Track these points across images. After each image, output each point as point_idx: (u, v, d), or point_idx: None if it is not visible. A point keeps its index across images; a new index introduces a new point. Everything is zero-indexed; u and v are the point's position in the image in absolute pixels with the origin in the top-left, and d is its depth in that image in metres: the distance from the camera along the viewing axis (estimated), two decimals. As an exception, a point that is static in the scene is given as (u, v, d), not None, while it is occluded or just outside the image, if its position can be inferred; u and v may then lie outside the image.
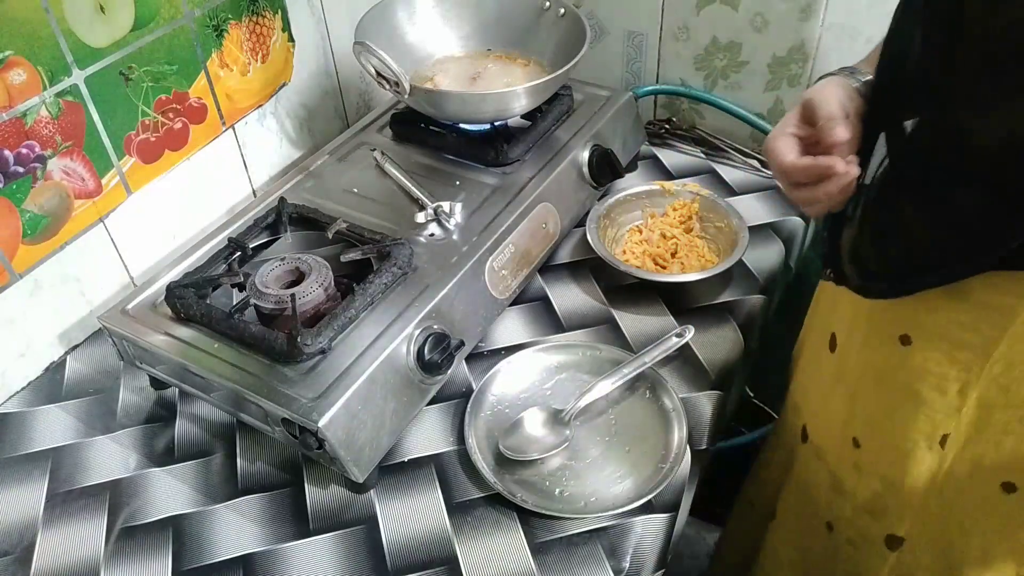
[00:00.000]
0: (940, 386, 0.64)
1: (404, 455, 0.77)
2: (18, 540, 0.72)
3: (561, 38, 1.01)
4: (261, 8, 0.98)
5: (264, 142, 1.05)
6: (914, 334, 0.64)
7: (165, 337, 0.76)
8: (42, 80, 0.77)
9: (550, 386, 0.82)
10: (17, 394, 0.85)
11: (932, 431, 0.67)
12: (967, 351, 0.61)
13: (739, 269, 0.95)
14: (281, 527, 0.72)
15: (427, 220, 0.86)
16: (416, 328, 0.74)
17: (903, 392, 0.67)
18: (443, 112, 0.95)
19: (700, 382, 0.82)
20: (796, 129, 0.63)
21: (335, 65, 1.13)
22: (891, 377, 0.68)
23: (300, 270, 0.78)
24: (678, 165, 1.12)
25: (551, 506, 0.71)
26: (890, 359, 0.67)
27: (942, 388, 0.64)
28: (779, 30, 1.03)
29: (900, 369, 0.66)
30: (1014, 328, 0.58)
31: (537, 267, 0.91)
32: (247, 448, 0.79)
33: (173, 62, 0.89)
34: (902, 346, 0.65)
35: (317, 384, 0.69)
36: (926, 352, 0.64)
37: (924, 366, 0.64)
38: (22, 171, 0.78)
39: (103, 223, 0.88)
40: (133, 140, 0.88)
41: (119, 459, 0.78)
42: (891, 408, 0.69)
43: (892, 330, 0.65)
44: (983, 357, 0.61)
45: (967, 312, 0.60)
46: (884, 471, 0.72)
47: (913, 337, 0.64)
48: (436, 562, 0.68)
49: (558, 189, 0.93)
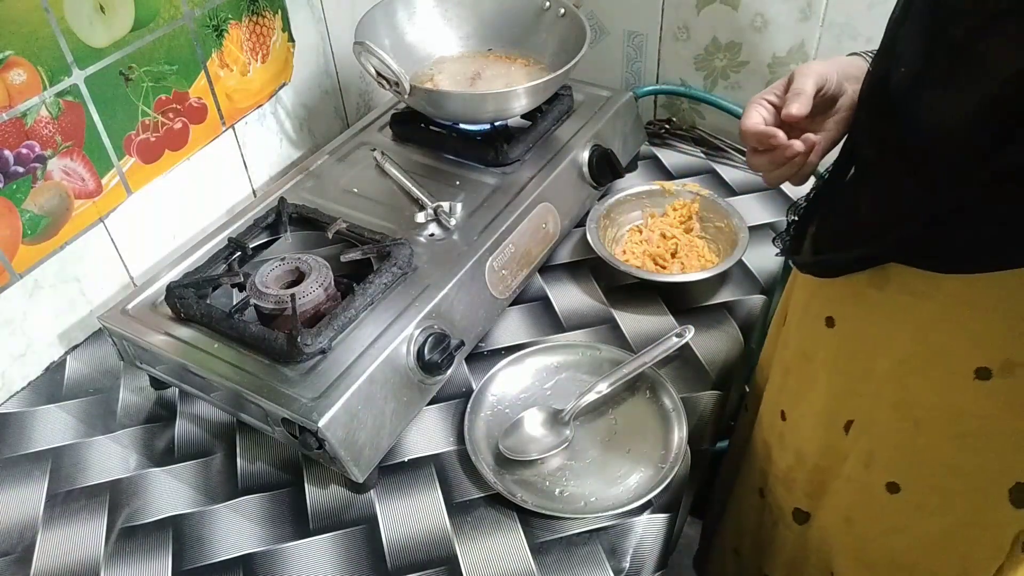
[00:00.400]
0: (848, 370, 0.65)
1: (404, 455, 0.77)
2: (18, 540, 0.72)
3: (561, 38, 1.01)
4: (261, 8, 0.98)
5: (264, 142, 1.05)
6: (837, 317, 0.66)
7: (165, 337, 0.76)
8: (42, 80, 0.77)
9: (550, 386, 0.82)
10: (17, 394, 0.85)
11: (837, 414, 0.68)
12: (873, 341, 0.62)
13: (739, 269, 0.95)
14: (281, 527, 0.72)
15: (427, 220, 0.86)
16: (416, 328, 0.74)
17: (820, 371, 0.68)
18: (443, 112, 0.95)
19: (700, 382, 0.83)
20: (775, 97, 0.64)
21: (335, 65, 1.13)
22: (813, 355, 0.69)
23: (300, 270, 0.78)
24: (678, 165, 1.12)
25: (551, 506, 0.71)
26: (816, 338, 0.68)
27: (850, 372, 0.65)
28: (779, 30, 1.03)
29: (821, 349, 0.68)
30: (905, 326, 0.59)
31: (537, 267, 0.91)
32: (247, 448, 0.79)
33: (173, 62, 0.89)
34: (827, 327, 0.66)
35: (317, 384, 0.69)
36: (843, 336, 0.65)
37: (840, 349, 0.66)
38: (22, 171, 0.78)
39: (103, 223, 0.88)
40: (133, 140, 0.88)
41: (119, 459, 0.78)
42: (809, 385, 0.70)
43: (821, 311, 0.67)
44: (884, 349, 0.62)
45: (880, 303, 0.61)
46: (797, 445, 0.74)
47: (836, 319, 0.66)
48: (436, 562, 0.68)
49: (558, 189, 0.93)
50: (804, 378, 0.71)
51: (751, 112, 0.64)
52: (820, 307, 0.67)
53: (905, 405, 0.62)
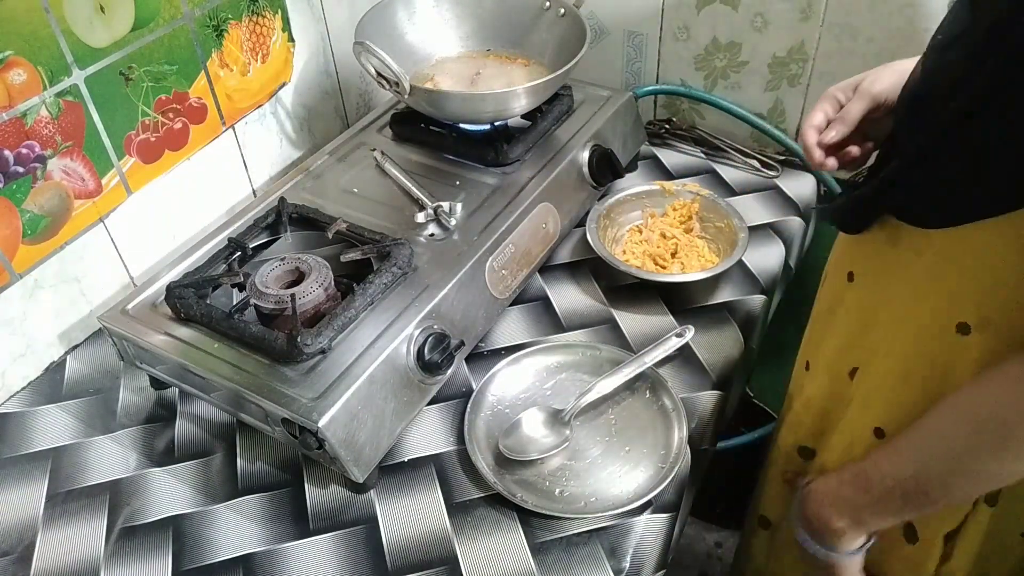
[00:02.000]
0: (857, 321, 0.70)
1: (404, 455, 0.77)
2: (18, 540, 0.72)
3: (561, 38, 1.01)
4: (261, 8, 0.98)
5: (264, 142, 1.05)
6: (857, 271, 0.70)
7: (165, 337, 0.76)
8: (42, 80, 0.77)
9: (550, 386, 0.82)
10: (17, 394, 0.85)
11: (844, 362, 0.73)
12: (880, 294, 0.67)
13: (739, 269, 0.95)
14: (281, 527, 0.72)
15: (427, 220, 0.86)
16: (416, 328, 0.74)
17: (839, 323, 0.74)
18: (443, 112, 0.95)
19: (700, 382, 0.83)
20: (843, 96, 0.71)
21: (335, 65, 1.13)
22: (836, 308, 0.74)
23: (300, 270, 0.78)
24: (678, 165, 1.12)
25: (551, 506, 0.71)
26: (838, 292, 0.73)
27: (859, 323, 0.70)
28: (779, 30, 1.03)
29: (841, 302, 0.73)
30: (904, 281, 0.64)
31: (537, 267, 0.91)
32: (247, 448, 0.79)
33: (173, 62, 0.89)
34: (848, 281, 0.71)
35: (317, 384, 0.69)
36: (859, 289, 0.70)
37: (855, 301, 0.71)
38: (22, 171, 0.78)
39: (103, 223, 0.88)
40: (133, 140, 0.88)
41: (119, 459, 0.78)
42: (830, 335, 0.75)
43: (845, 267, 0.72)
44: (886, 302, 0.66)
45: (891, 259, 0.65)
46: (811, 391, 0.79)
47: (856, 274, 0.71)
48: (436, 562, 0.68)
49: (558, 189, 0.93)
50: (825, 329, 0.76)
51: (815, 113, 0.71)
52: (846, 263, 0.72)
53: (895, 356, 0.66)
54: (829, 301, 0.76)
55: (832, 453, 0.76)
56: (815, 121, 0.71)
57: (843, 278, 0.72)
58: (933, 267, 0.61)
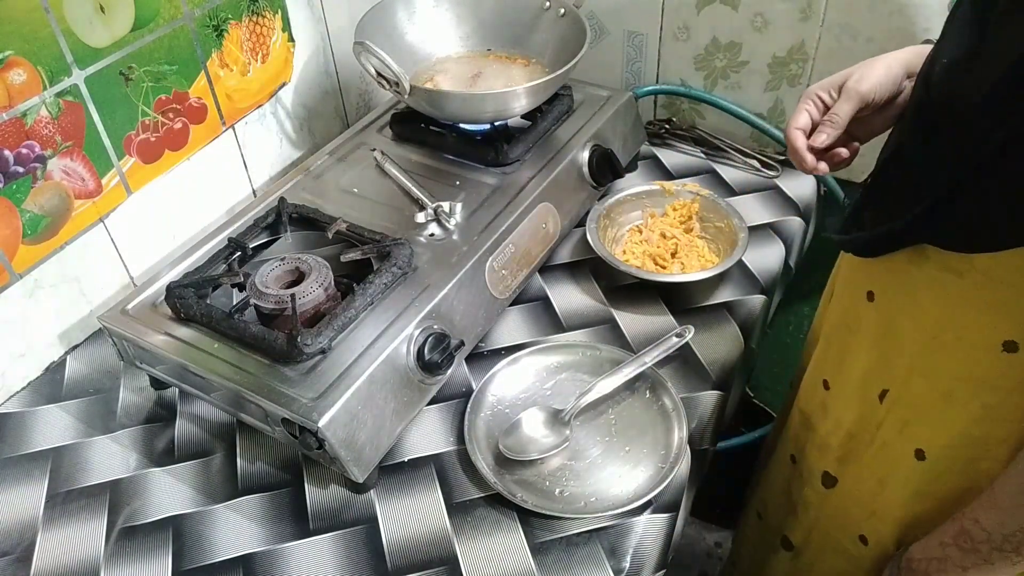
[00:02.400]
0: (884, 342, 0.69)
1: (404, 455, 0.77)
2: (18, 540, 0.72)
3: (561, 38, 1.01)
4: (261, 8, 0.98)
5: (264, 142, 1.05)
6: (877, 291, 0.69)
7: (165, 337, 0.76)
8: (42, 80, 0.77)
9: (550, 386, 0.82)
10: (17, 394, 0.85)
11: (873, 384, 0.71)
12: (909, 315, 0.66)
13: (739, 269, 0.95)
14: (281, 527, 0.72)
15: (427, 220, 0.86)
16: (416, 328, 0.74)
17: (860, 343, 0.72)
18: (443, 112, 0.95)
19: (700, 382, 0.82)
20: (828, 97, 0.69)
21: (335, 65, 1.13)
22: (855, 328, 0.73)
23: (300, 270, 0.78)
24: (678, 165, 1.12)
25: (551, 506, 0.71)
26: (857, 311, 0.72)
27: (886, 344, 0.69)
28: (779, 30, 1.03)
29: (861, 321, 0.72)
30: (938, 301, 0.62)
31: (537, 267, 0.91)
32: (247, 448, 0.79)
33: (173, 62, 0.89)
34: (868, 301, 0.70)
35: (317, 384, 0.69)
36: (882, 309, 0.69)
37: (878, 321, 0.70)
38: (22, 171, 0.78)
39: (103, 223, 0.88)
40: (133, 140, 0.88)
41: (119, 459, 0.78)
42: (850, 356, 0.74)
43: (863, 286, 0.71)
44: (918, 323, 0.65)
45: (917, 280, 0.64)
46: (838, 413, 0.77)
47: (876, 294, 0.69)
48: (436, 562, 0.68)
49: (558, 189, 0.93)
50: (845, 349, 0.75)
51: (799, 115, 0.68)
52: (862, 282, 0.71)
53: (935, 376, 0.65)
54: (844, 319, 0.75)
55: (863, 479, 0.75)
56: (800, 123, 0.68)
57: (861, 297, 0.71)
58: (974, 287, 0.59)
